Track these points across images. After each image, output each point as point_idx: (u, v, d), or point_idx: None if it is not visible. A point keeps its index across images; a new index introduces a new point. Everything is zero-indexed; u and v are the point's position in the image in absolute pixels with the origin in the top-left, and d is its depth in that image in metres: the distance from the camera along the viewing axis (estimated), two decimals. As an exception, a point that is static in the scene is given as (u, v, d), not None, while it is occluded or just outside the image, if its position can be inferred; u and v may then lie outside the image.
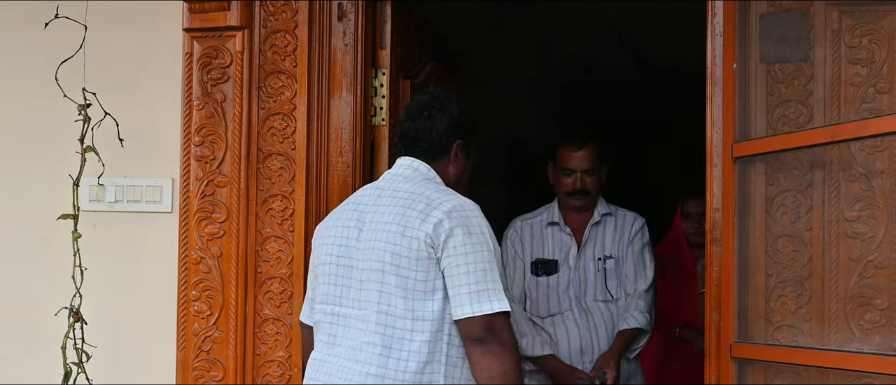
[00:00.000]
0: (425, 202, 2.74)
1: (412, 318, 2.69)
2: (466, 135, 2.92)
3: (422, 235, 2.68)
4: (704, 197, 4.34)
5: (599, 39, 6.83)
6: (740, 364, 2.96)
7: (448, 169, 2.91)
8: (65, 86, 3.33)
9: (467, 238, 2.68)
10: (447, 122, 2.88)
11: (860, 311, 2.73)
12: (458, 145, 2.90)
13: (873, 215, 2.73)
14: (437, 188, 2.81)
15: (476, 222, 2.72)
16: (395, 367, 2.67)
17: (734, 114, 2.96)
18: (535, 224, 3.99)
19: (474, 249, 2.68)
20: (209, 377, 3.43)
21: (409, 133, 2.91)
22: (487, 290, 2.67)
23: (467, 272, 2.67)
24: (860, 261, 2.74)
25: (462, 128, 2.91)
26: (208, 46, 3.46)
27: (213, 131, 3.46)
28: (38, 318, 3.59)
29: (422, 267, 2.69)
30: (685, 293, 4.57)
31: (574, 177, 3.89)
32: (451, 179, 2.91)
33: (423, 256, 2.69)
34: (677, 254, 4.63)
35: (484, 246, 2.70)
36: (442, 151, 2.89)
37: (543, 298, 3.89)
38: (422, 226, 2.69)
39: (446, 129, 2.88)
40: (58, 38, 3.38)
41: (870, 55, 2.77)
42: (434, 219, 2.69)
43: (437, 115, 2.88)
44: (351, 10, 3.43)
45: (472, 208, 2.75)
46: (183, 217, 3.47)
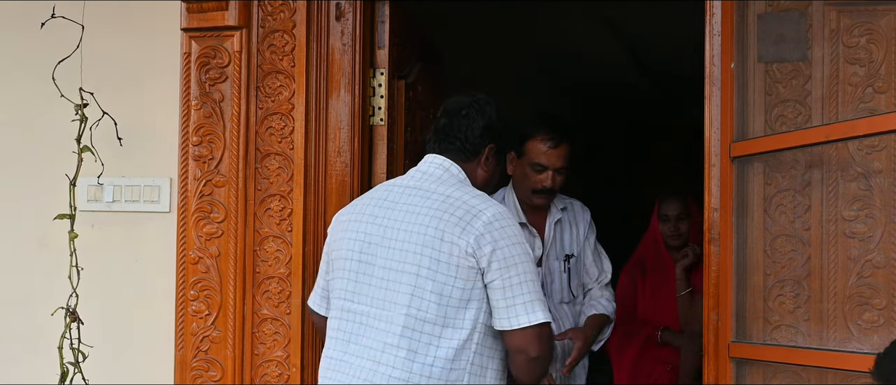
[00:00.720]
0: (464, 209, 2.70)
1: (443, 325, 2.68)
2: (500, 140, 2.92)
3: (463, 244, 2.66)
4: (682, 198, 4.51)
5: (598, 39, 6.82)
6: (738, 364, 2.96)
7: (477, 171, 2.89)
8: (64, 86, 3.33)
9: (513, 249, 2.69)
10: (483, 124, 2.87)
11: (858, 310, 2.73)
12: (491, 149, 2.89)
13: (871, 215, 2.73)
14: (474, 193, 2.78)
15: (516, 232, 2.73)
16: (419, 371, 2.65)
17: (732, 113, 2.96)
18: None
19: (520, 260, 2.69)
20: (207, 377, 3.43)
21: (445, 129, 2.88)
22: (539, 300, 2.70)
23: (520, 282, 2.68)
24: (858, 260, 2.74)
25: (497, 132, 2.90)
26: (206, 46, 3.46)
27: (212, 131, 3.45)
28: (36, 317, 3.59)
29: (462, 275, 2.67)
30: (664, 296, 4.52)
31: (546, 174, 3.58)
32: (479, 182, 2.90)
33: (463, 265, 2.66)
34: (655, 256, 4.60)
35: (527, 256, 2.71)
36: (474, 153, 2.87)
37: None
38: (462, 235, 2.67)
39: (482, 130, 2.87)
40: (57, 39, 3.38)
41: (868, 55, 2.77)
42: (476, 230, 2.67)
43: (476, 115, 2.87)
44: (349, 10, 3.43)
45: (510, 217, 2.75)
46: (181, 217, 3.47)
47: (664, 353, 4.49)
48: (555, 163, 3.58)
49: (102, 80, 3.47)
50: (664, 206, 4.56)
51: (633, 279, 4.66)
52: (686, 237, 4.53)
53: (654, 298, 4.55)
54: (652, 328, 4.51)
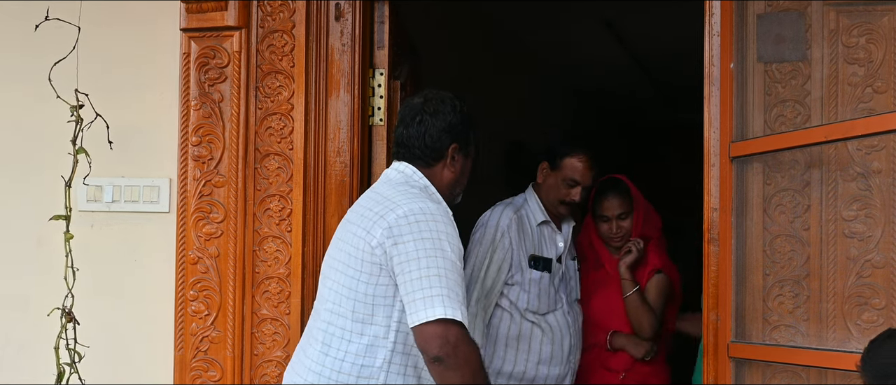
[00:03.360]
0: (384, 204, 2.69)
1: (353, 320, 2.67)
2: (462, 136, 2.86)
3: (373, 240, 2.64)
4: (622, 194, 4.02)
5: (597, 40, 6.82)
6: (738, 364, 2.96)
7: (444, 173, 2.85)
8: (64, 87, 3.33)
9: (419, 244, 2.60)
10: (440, 127, 2.82)
11: (858, 310, 2.74)
12: (454, 149, 2.84)
13: (871, 215, 2.73)
14: (406, 191, 2.74)
15: (432, 227, 2.62)
16: (331, 366, 2.67)
17: (731, 113, 2.96)
18: (525, 219, 3.89)
19: (426, 255, 2.59)
20: (207, 377, 3.43)
21: (402, 140, 2.86)
22: (440, 296, 2.56)
23: (420, 277, 2.57)
24: (858, 260, 2.74)
25: (456, 130, 2.84)
26: (205, 46, 3.46)
27: (211, 131, 3.45)
28: (33, 318, 3.58)
29: (369, 270, 2.65)
30: (610, 299, 4.05)
31: (577, 189, 3.88)
32: (446, 184, 2.86)
33: (370, 260, 2.64)
34: (594, 259, 4.15)
35: (439, 252, 2.60)
36: (436, 157, 2.83)
37: (545, 295, 3.85)
38: (373, 229, 2.65)
39: (439, 133, 2.82)
40: (56, 39, 3.38)
41: (867, 55, 2.78)
42: (386, 223, 2.64)
43: (430, 120, 2.82)
44: (348, 10, 3.43)
45: (431, 213, 2.66)
46: (180, 217, 3.47)
47: (616, 361, 4.04)
48: (587, 181, 3.91)
49: (102, 80, 3.47)
50: (601, 206, 4.08)
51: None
52: (628, 233, 4.07)
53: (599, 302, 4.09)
54: (601, 334, 4.05)
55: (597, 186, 4.05)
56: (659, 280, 4.05)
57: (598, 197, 4.09)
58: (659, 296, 4.06)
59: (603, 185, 4.09)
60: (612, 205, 4.06)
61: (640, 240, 4.03)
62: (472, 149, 2.92)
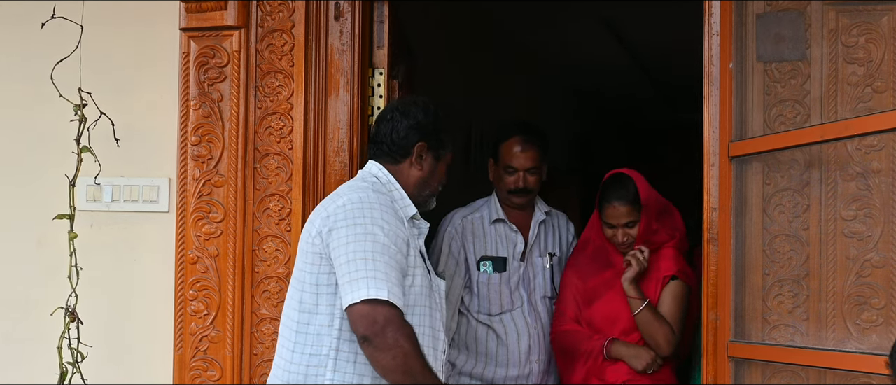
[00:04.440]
0: (330, 199, 2.79)
1: (300, 311, 2.73)
2: (431, 137, 2.90)
3: (313, 230, 2.73)
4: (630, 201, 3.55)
5: (596, 39, 6.82)
6: (737, 363, 2.96)
7: (411, 171, 2.89)
8: (63, 86, 3.33)
9: (351, 229, 2.66)
10: (408, 125, 2.87)
11: (857, 310, 2.74)
12: (421, 147, 2.88)
13: (870, 215, 2.73)
14: (353, 185, 2.83)
15: (366, 214, 2.68)
16: (290, 359, 2.73)
17: (731, 113, 2.96)
18: (477, 220, 3.85)
19: (356, 239, 2.64)
20: (206, 377, 3.43)
21: (374, 136, 2.93)
22: (365, 278, 2.60)
23: (348, 261, 2.63)
24: (857, 260, 2.74)
25: (425, 130, 2.88)
26: (205, 46, 3.45)
27: (210, 131, 3.45)
28: (35, 317, 3.58)
29: (312, 261, 2.72)
30: (614, 303, 3.65)
31: (517, 175, 3.79)
32: (414, 182, 2.89)
33: (311, 251, 2.72)
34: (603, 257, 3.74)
35: (369, 236, 2.65)
36: (403, 154, 2.88)
37: (495, 296, 3.79)
38: (315, 220, 2.74)
39: (407, 130, 2.87)
40: (56, 39, 3.38)
41: (867, 54, 2.77)
42: (326, 213, 2.72)
43: (400, 117, 2.88)
44: (347, 10, 3.43)
45: (369, 201, 2.72)
46: (180, 217, 3.47)
47: (612, 372, 3.63)
48: (524, 164, 3.77)
49: (101, 80, 3.46)
50: (605, 211, 3.66)
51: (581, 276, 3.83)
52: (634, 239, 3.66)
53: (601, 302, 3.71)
54: (598, 340, 3.66)
55: (602, 184, 3.71)
56: (674, 287, 3.62)
57: (603, 199, 3.68)
58: (675, 305, 3.61)
59: (607, 185, 3.69)
60: (618, 212, 3.63)
61: (645, 248, 3.60)
62: (445, 153, 2.95)
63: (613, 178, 3.69)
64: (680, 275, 3.63)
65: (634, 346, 3.61)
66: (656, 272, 3.64)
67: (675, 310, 3.61)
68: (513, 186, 3.80)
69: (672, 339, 3.56)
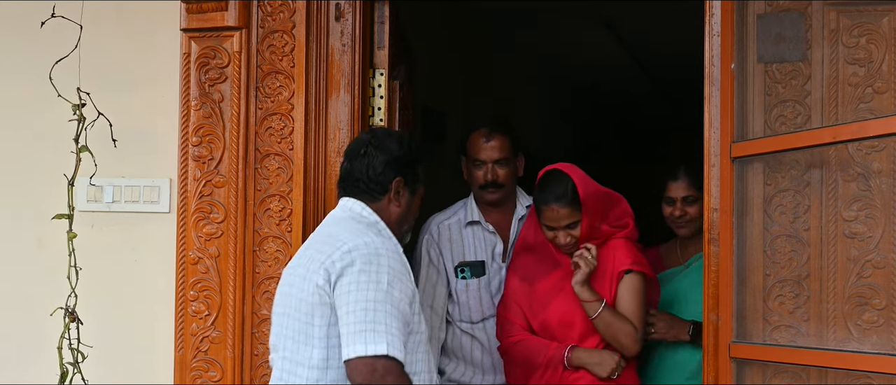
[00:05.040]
0: (331, 243, 2.67)
1: (295, 363, 2.66)
2: (408, 171, 2.83)
3: (318, 278, 2.62)
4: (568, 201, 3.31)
5: (597, 39, 6.83)
6: (739, 364, 2.96)
7: (391, 208, 2.81)
8: (65, 86, 3.33)
9: (356, 277, 2.57)
10: (384, 160, 2.79)
11: (858, 311, 2.74)
12: (399, 183, 2.81)
13: (871, 215, 2.73)
14: (352, 227, 2.72)
15: (372, 261, 2.59)
16: None
17: (732, 114, 2.96)
18: (454, 225, 3.76)
19: (359, 288, 2.56)
20: (207, 377, 3.43)
21: (347, 173, 2.84)
22: (366, 331, 2.52)
23: (352, 311, 2.55)
24: (858, 261, 2.74)
25: (401, 164, 2.81)
26: (206, 47, 3.46)
27: (211, 131, 3.45)
28: (35, 318, 3.58)
29: (315, 312, 2.62)
30: (569, 305, 3.42)
31: (485, 169, 3.65)
32: (394, 219, 2.82)
33: (316, 301, 2.62)
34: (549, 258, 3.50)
35: (374, 285, 2.56)
36: (381, 190, 2.80)
37: (475, 302, 3.70)
38: (319, 269, 2.63)
39: (384, 166, 2.79)
40: (56, 39, 3.38)
41: (868, 55, 2.77)
42: (330, 260, 2.62)
43: (374, 153, 2.80)
44: (348, 11, 3.43)
45: (375, 247, 2.63)
46: (181, 217, 3.47)
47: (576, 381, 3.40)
48: (491, 155, 3.65)
49: (102, 80, 3.46)
50: (542, 213, 3.43)
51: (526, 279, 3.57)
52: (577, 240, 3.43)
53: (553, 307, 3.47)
54: (557, 348, 3.42)
55: (536, 183, 3.47)
56: (631, 281, 3.40)
57: (539, 200, 3.44)
58: (635, 299, 3.40)
59: (542, 184, 3.44)
60: (557, 214, 3.38)
61: (591, 245, 3.38)
62: (419, 187, 2.89)
63: (548, 177, 3.44)
64: (635, 266, 3.42)
65: (597, 352, 3.39)
66: (609, 266, 3.42)
67: (634, 305, 3.39)
68: (482, 181, 3.67)
69: (636, 336, 3.36)
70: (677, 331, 3.53)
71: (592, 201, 3.38)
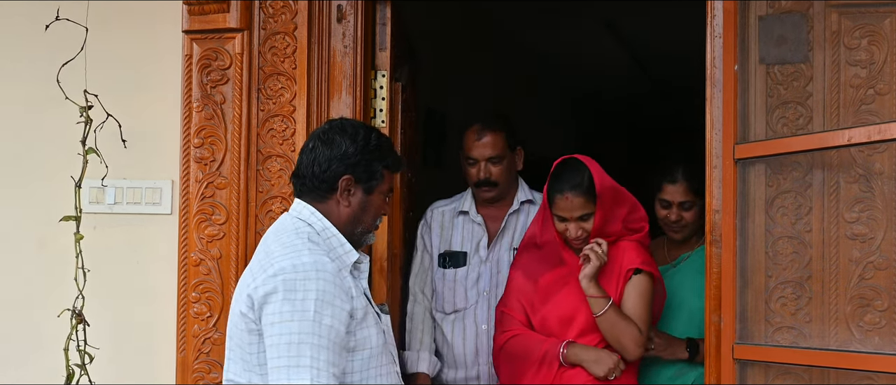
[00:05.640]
0: (260, 265, 2.51)
1: None
2: (359, 169, 2.62)
3: (242, 306, 2.50)
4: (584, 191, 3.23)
5: (597, 40, 6.83)
6: (741, 365, 2.96)
7: (339, 209, 2.63)
8: (67, 88, 3.34)
9: (279, 306, 2.41)
10: (329, 156, 2.60)
11: (860, 312, 2.74)
12: (347, 181, 2.61)
13: (873, 217, 2.73)
14: (288, 243, 2.53)
15: (299, 288, 2.42)
16: None
17: (735, 115, 2.96)
18: (448, 212, 3.72)
19: (282, 319, 2.41)
20: (209, 379, 3.43)
21: (297, 168, 2.67)
22: (289, 366, 2.38)
23: (275, 344, 2.40)
24: (860, 262, 2.74)
25: (352, 161, 2.61)
26: (208, 48, 3.46)
27: (213, 133, 3.46)
28: (39, 319, 3.58)
29: (244, 340, 2.51)
30: (569, 302, 3.31)
31: (477, 166, 3.61)
32: (344, 221, 2.63)
33: (243, 329, 2.50)
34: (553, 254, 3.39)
35: (299, 315, 2.40)
36: (328, 189, 2.61)
37: (449, 293, 3.65)
38: (243, 294, 2.51)
39: (328, 163, 2.59)
40: (58, 41, 3.39)
41: (869, 57, 2.78)
42: (253, 286, 2.47)
43: (321, 147, 2.61)
44: (350, 12, 3.43)
45: (303, 272, 2.44)
46: (183, 219, 3.47)
47: (571, 380, 3.27)
48: (484, 153, 3.61)
49: (103, 82, 3.47)
50: (555, 203, 3.30)
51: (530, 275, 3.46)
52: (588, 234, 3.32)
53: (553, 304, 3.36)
54: (553, 343, 3.30)
55: (551, 172, 3.34)
56: (639, 281, 3.28)
57: (553, 188, 3.31)
58: (642, 301, 3.27)
59: (558, 172, 3.32)
60: (571, 204, 3.26)
61: (602, 240, 3.27)
62: (379, 184, 2.67)
63: (564, 165, 3.32)
64: (644, 266, 3.30)
65: (594, 350, 3.25)
66: (617, 265, 3.30)
67: (641, 307, 3.26)
68: (475, 178, 3.63)
69: (640, 340, 3.22)
70: (675, 349, 3.46)
71: (609, 195, 3.28)
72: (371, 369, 2.57)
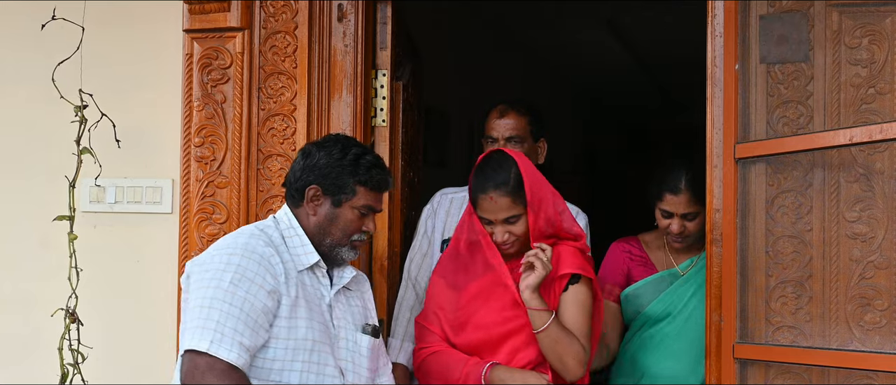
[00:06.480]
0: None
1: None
2: (328, 181, 2.70)
3: (185, 272, 2.66)
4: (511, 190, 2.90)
5: (598, 40, 6.83)
6: (742, 364, 2.96)
7: (307, 218, 2.74)
8: (67, 87, 3.34)
9: (198, 274, 2.55)
10: (302, 165, 2.74)
11: (860, 311, 2.74)
12: (315, 191, 2.71)
13: (873, 216, 2.73)
14: (241, 229, 2.71)
15: (221, 259, 2.54)
16: None
17: (736, 114, 2.96)
18: (457, 199, 3.51)
19: (199, 285, 2.53)
20: (209, 378, 3.42)
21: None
22: (195, 327, 2.47)
23: (189, 308, 2.53)
24: (860, 261, 2.74)
25: (322, 172, 2.71)
26: (208, 47, 3.46)
27: (214, 132, 3.46)
28: (36, 318, 3.59)
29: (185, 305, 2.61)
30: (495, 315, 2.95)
31: (496, 146, 3.38)
32: (312, 228, 2.73)
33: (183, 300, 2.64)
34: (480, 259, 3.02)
35: (215, 282, 2.50)
36: (300, 197, 2.75)
37: None
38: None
39: (300, 172, 2.74)
40: (59, 40, 3.39)
41: (870, 56, 2.78)
42: (189, 260, 2.66)
43: (300, 157, 2.77)
44: (351, 11, 3.43)
45: (230, 247, 2.58)
46: (183, 218, 3.47)
47: None
48: (504, 133, 3.42)
49: (104, 81, 3.47)
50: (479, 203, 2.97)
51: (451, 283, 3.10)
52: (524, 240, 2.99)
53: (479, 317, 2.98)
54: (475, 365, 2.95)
55: (474, 168, 3.02)
56: (576, 293, 2.93)
57: (476, 187, 2.96)
58: (582, 313, 2.92)
59: (481, 169, 2.99)
60: (494, 206, 2.91)
61: (546, 245, 2.90)
62: (349, 198, 2.71)
63: (488, 160, 3.00)
64: (584, 272, 2.96)
65: (521, 372, 2.89)
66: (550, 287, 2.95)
67: (582, 320, 2.91)
68: None
69: (584, 357, 2.88)
70: None
71: (540, 195, 2.94)
72: (296, 362, 2.61)
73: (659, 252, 3.54)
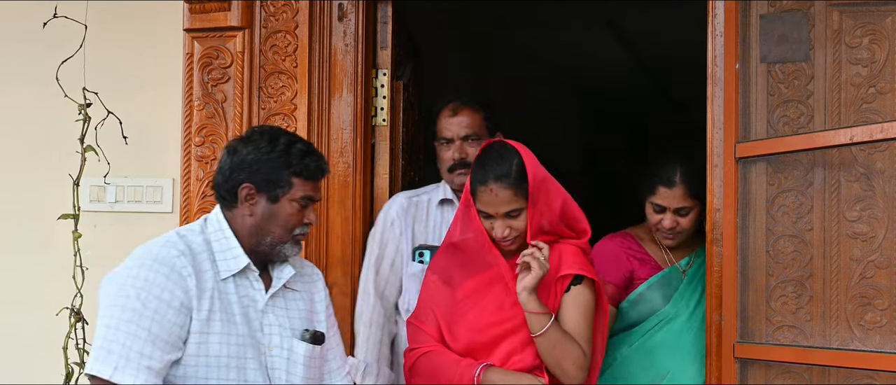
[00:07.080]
0: None
1: None
2: (265, 177, 2.51)
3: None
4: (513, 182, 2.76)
5: (598, 40, 6.83)
6: (742, 364, 2.96)
7: (243, 219, 2.54)
8: (68, 86, 3.34)
9: (106, 290, 2.42)
10: (231, 164, 2.52)
11: (861, 311, 2.74)
12: (248, 190, 2.50)
13: (874, 216, 2.73)
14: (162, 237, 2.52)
15: (126, 273, 2.40)
16: None
17: (737, 114, 2.96)
18: (423, 203, 3.33)
19: (106, 303, 2.40)
20: (210, 377, 3.42)
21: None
22: (100, 348, 2.36)
23: (98, 326, 2.40)
24: (861, 261, 2.74)
25: (253, 169, 2.51)
26: (209, 47, 3.46)
27: (214, 132, 3.46)
28: (39, 318, 3.58)
29: None
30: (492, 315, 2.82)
31: (452, 147, 3.23)
32: (247, 230, 2.53)
33: None
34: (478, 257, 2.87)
35: (118, 300, 2.38)
36: (232, 198, 2.53)
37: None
38: None
39: (230, 170, 2.52)
40: (60, 39, 3.39)
41: (870, 55, 2.78)
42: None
43: (227, 155, 2.55)
44: (351, 11, 3.43)
45: (138, 258, 2.44)
46: (183, 217, 3.47)
47: None
48: (457, 132, 3.24)
49: (105, 80, 3.47)
50: (478, 196, 2.82)
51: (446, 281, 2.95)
52: (523, 235, 2.82)
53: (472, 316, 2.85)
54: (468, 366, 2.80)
55: (475, 159, 2.89)
56: (578, 295, 2.78)
57: (476, 179, 2.81)
58: (582, 315, 2.78)
59: (481, 160, 2.84)
60: (495, 199, 2.76)
61: (543, 244, 2.76)
62: (286, 192, 2.53)
63: (489, 150, 2.85)
64: (586, 273, 2.82)
65: (515, 374, 2.76)
66: (551, 270, 2.78)
67: (583, 323, 2.77)
68: (450, 161, 3.23)
69: (584, 363, 2.73)
70: None
71: (544, 189, 2.80)
72: (210, 379, 2.46)
73: (653, 246, 3.41)
